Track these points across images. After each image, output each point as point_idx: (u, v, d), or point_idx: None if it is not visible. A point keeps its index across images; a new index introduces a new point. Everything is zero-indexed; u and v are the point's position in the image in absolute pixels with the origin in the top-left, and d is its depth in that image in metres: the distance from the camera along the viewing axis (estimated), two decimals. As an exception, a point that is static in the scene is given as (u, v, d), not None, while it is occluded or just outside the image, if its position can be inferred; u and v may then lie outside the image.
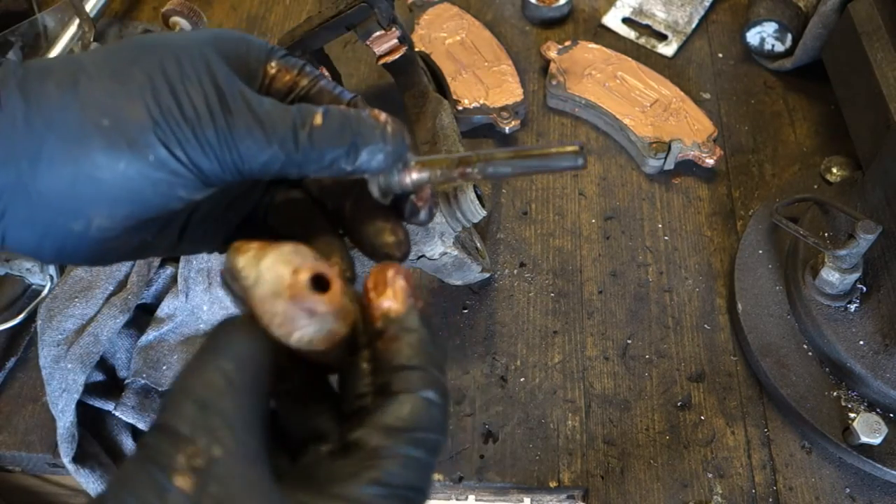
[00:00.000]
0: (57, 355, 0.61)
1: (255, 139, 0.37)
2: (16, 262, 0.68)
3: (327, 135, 0.38)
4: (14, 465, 0.66)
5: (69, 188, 0.36)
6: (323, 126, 0.38)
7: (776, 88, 0.87)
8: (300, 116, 0.38)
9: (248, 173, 0.38)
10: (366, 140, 0.38)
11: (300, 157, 0.38)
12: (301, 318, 0.33)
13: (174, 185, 0.37)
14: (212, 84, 0.37)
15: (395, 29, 0.74)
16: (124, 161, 0.36)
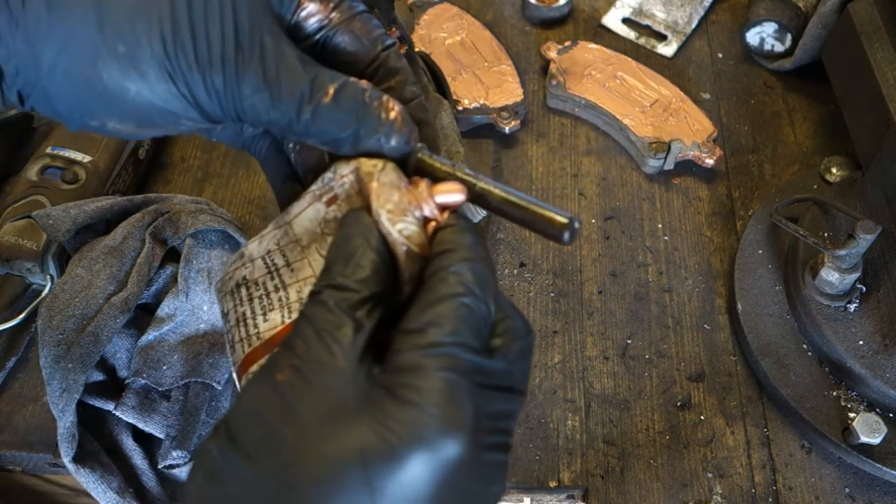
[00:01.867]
0: (57, 355, 0.61)
1: (261, 98, 0.37)
2: (16, 262, 0.68)
3: (332, 116, 0.38)
4: (14, 464, 0.66)
5: (81, 99, 0.38)
6: (330, 105, 0.38)
7: (776, 88, 0.88)
8: (311, 88, 0.38)
9: (248, 123, 0.39)
10: (369, 131, 0.38)
11: (301, 128, 0.38)
12: (412, 210, 0.36)
13: (179, 116, 0.39)
14: (233, 26, 0.37)
15: (395, 29, 0.74)
16: (134, 88, 0.37)
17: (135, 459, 0.63)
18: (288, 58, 0.38)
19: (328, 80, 0.38)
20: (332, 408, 0.31)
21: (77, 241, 0.67)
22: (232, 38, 0.37)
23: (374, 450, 0.30)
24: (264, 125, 0.39)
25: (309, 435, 0.30)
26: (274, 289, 0.39)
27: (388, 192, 0.36)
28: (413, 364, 0.32)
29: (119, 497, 0.60)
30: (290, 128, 0.38)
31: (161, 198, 0.69)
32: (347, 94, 0.38)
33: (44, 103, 0.39)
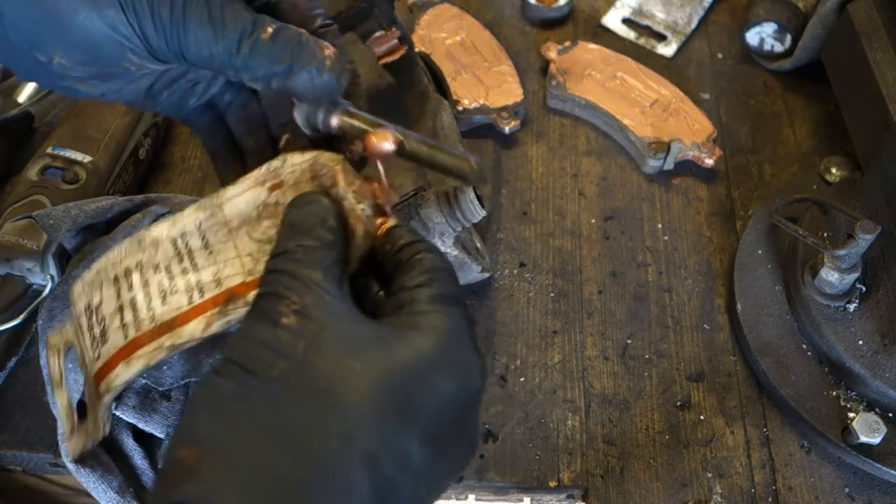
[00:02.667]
0: (57, 355, 0.61)
1: (204, 33, 0.40)
2: (17, 262, 0.68)
3: (269, 50, 0.41)
4: (15, 464, 0.66)
5: (32, 24, 0.40)
6: (268, 41, 0.41)
7: (776, 89, 0.88)
8: (251, 26, 0.41)
9: (190, 60, 0.42)
10: (302, 65, 0.41)
11: (239, 61, 0.41)
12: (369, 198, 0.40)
13: (124, 48, 0.41)
14: None
15: (395, 29, 0.74)
16: (83, 13, 0.40)
17: (135, 459, 0.63)
18: (234, 2, 0.41)
19: (269, 21, 0.41)
20: (352, 340, 0.34)
21: (77, 241, 0.67)
22: None
23: (405, 369, 0.34)
24: (205, 61, 0.42)
25: (343, 363, 0.33)
26: (181, 272, 0.41)
27: (352, 177, 0.40)
28: (428, 309, 0.36)
29: (119, 497, 0.60)
30: (229, 62, 0.41)
31: (161, 198, 0.69)
32: (285, 33, 0.42)
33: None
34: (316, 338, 0.34)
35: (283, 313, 0.34)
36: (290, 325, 0.34)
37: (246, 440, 0.32)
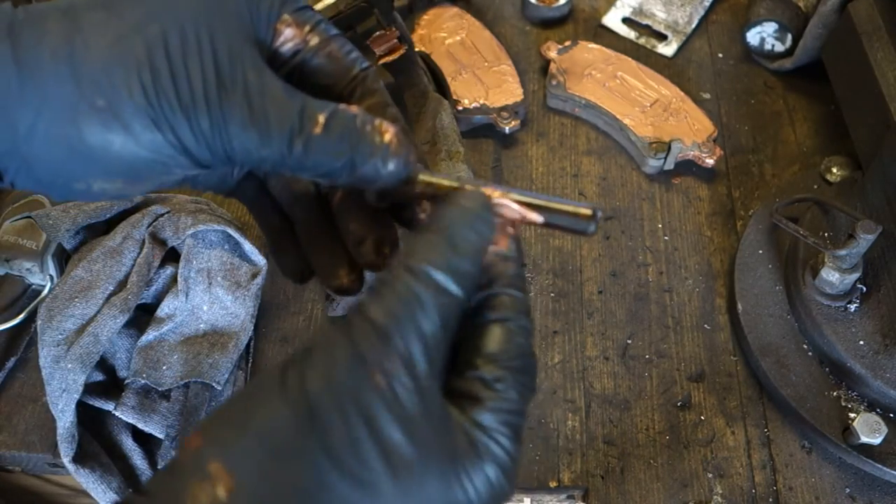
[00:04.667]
0: (57, 355, 0.61)
1: (249, 137, 0.36)
2: (16, 262, 0.68)
3: (324, 146, 0.36)
4: (14, 464, 0.66)
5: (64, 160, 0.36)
6: (322, 135, 0.36)
7: (776, 88, 0.87)
8: (300, 120, 0.36)
9: (239, 163, 0.38)
10: (365, 158, 0.37)
11: (293, 162, 0.37)
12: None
13: (168, 164, 0.37)
14: (213, 63, 0.36)
15: (394, 29, 0.74)
16: (118, 141, 0.36)
17: (135, 459, 0.63)
18: (272, 90, 0.36)
19: (316, 109, 0.37)
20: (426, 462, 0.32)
21: (77, 241, 0.67)
22: (213, 77, 0.36)
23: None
24: (256, 163, 0.38)
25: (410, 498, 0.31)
26: None
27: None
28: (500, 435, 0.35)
29: (119, 497, 0.60)
30: (282, 163, 0.37)
31: (161, 198, 0.69)
32: (338, 121, 0.37)
33: (24, 173, 0.37)
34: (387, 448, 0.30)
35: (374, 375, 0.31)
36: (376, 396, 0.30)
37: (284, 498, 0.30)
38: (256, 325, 0.68)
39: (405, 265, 0.33)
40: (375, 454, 0.30)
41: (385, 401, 0.30)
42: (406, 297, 0.32)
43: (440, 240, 0.33)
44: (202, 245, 0.66)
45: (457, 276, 0.33)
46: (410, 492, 0.31)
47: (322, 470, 0.30)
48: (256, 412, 0.31)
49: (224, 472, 0.30)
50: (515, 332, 0.36)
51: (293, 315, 0.71)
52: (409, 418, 0.31)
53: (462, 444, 0.32)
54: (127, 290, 0.63)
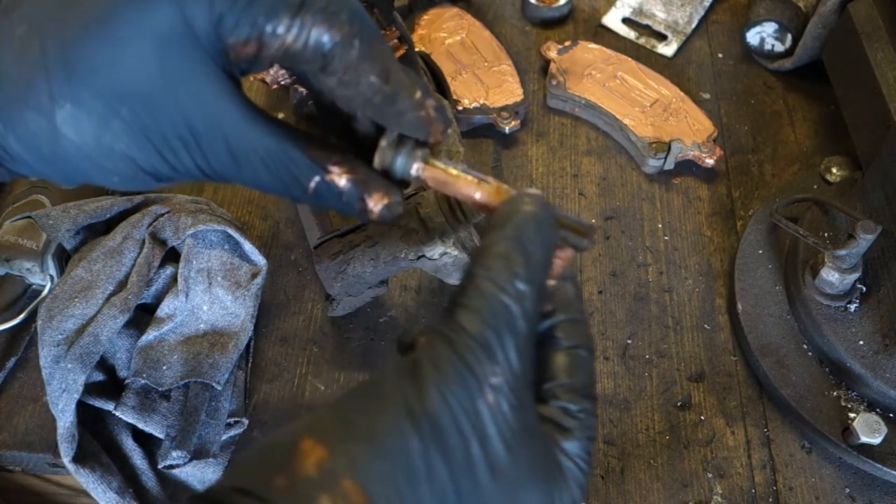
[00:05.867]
0: (57, 355, 0.61)
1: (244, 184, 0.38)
2: (16, 262, 0.68)
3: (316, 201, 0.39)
4: (14, 464, 0.66)
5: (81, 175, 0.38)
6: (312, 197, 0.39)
7: (776, 88, 0.88)
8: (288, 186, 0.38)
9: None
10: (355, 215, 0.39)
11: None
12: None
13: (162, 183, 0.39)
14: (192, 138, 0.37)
15: (394, 29, 0.74)
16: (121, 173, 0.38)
17: (135, 459, 0.63)
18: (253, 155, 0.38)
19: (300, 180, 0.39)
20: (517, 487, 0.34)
21: (77, 241, 0.67)
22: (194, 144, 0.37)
23: None
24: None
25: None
26: None
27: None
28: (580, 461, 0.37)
29: (119, 497, 0.60)
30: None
31: (161, 198, 0.69)
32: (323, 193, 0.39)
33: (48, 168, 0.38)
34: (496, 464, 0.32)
35: (484, 390, 0.32)
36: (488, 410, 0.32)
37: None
38: (256, 325, 0.68)
39: (487, 277, 0.33)
40: (487, 474, 0.32)
41: (494, 417, 0.32)
42: (499, 309, 0.33)
43: (514, 248, 0.34)
44: (202, 245, 0.66)
45: (534, 285, 0.34)
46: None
47: (445, 490, 0.31)
48: (383, 429, 0.31)
49: (358, 492, 0.30)
50: (586, 360, 0.37)
51: (293, 315, 0.71)
52: (513, 434, 0.32)
53: (553, 466, 0.35)
54: (127, 290, 0.63)
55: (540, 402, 0.37)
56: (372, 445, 0.31)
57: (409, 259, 0.60)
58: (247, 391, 0.66)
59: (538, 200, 0.36)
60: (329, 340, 0.70)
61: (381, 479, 0.30)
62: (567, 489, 0.35)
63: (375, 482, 0.30)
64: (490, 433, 0.32)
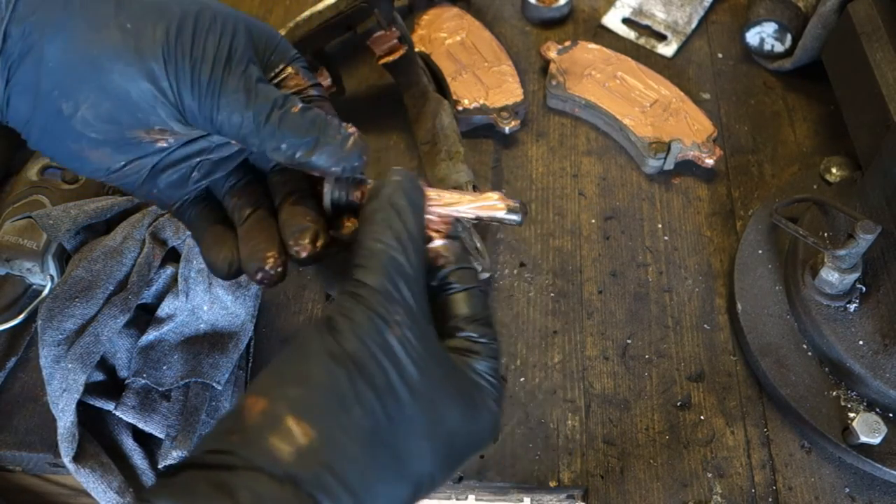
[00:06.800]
0: (57, 355, 0.61)
1: (237, 98, 0.43)
2: (16, 262, 0.68)
3: (297, 122, 0.44)
4: (15, 464, 0.66)
5: (73, 63, 0.42)
6: (297, 115, 0.44)
7: (776, 89, 0.88)
8: (282, 100, 0.44)
9: (218, 126, 0.44)
10: (327, 140, 0.44)
11: (267, 131, 0.43)
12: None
13: (156, 104, 0.43)
14: (228, 45, 0.43)
15: (395, 29, 0.74)
16: (125, 60, 0.42)
17: (135, 459, 0.63)
18: (265, 83, 0.44)
19: (297, 100, 0.45)
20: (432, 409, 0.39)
21: (77, 241, 0.67)
22: (225, 52, 0.43)
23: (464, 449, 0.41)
24: (232, 129, 0.44)
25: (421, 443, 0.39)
26: None
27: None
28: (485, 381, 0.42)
29: (119, 497, 0.60)
30: (256, 131, 0.43)
31: (161, 198, 0.69)
32: (313, 111, 0.44)
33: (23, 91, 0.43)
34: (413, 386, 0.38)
35: (392, 322, 0.38)
36: (397, 342, 0.38)
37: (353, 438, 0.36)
38: (256, 325, 0.68)
39: (373, 237, 0.40)
40: (406, 393, 0.37)
41: (403, 346, 0.38)
42: (387, 260, 0.39)
43: (389, 211, 0.41)
44: (202, 245, 0.66)
45: (411, 238, 0.41)
46: (438, 422, 0.38)
47: (375, 410, 0.36)
48: (311, 371, 0.37)
49: (299, 423, 0.35)
50: (479, 296, 0.44)
51: (293, 315, 0.71)
52: (421, 358, 0.38)
53: (468, 384, 0.41)
54: (127, 290, 0.63)
55: (448, 338, 0.42)
56: (305, 386, 0.36)
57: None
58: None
59: (401, 173, 0.43)
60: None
61: (318, 410, 0.36)
62: (484, 402, 0.41)
63: (314, 414, 0.35)
64: (402, 359, 0.37)
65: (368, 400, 0.36)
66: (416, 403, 0.37)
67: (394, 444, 0.37)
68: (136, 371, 0.63)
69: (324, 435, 0.35)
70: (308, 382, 0.36)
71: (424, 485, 0.38)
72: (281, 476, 0.34)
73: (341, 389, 0.36)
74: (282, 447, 0.34)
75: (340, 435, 0.35)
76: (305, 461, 0.34)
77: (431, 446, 0.38)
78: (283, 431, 0.35)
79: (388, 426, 0.36)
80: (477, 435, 0.41)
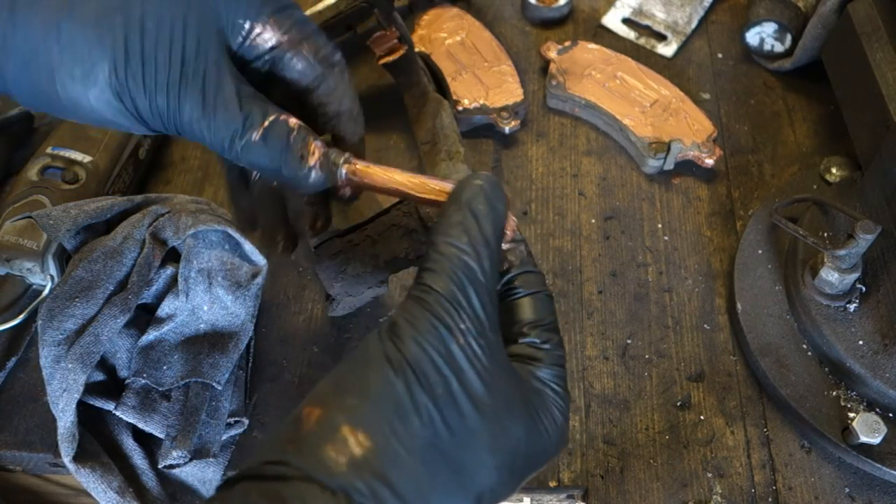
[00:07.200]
0: (57, 355, 0.61)
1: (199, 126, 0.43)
2: (16, 262, 0.68)
3: (258, 152, 0.44)
4: (15, 464, 0.66)
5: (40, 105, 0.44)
6: (257, 144, 0.44)
7: (776, 88, 0.88)
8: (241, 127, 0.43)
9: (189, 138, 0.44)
10: (291, 171, 0.44)
11: (232, 155, 0.44)
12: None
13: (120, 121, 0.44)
14: (180, 55, 0.42)
15: (395, 29, 0.74)
16: (87, 105, 0.43)
17: (135, 459, 0.63)
18: (226, 92, 0.43)
19: (259, 117, 0.43)
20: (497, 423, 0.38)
21: (77, 241, 0.67)
22: (178, 67, 0.42)
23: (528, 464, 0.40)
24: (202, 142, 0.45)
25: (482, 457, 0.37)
26: None
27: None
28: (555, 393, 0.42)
29: (119, 497, 0.60)
30: (223, 153, 0.44)
31: (161, 198, 0.69)
32: (274, 134, 0.44)
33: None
34: (475, 396, 0.36)
35: (455, 335, 0.36)
36: (460, 350, 0.36)
37: (410, 449, 0.35)
38: (256, 325, 0.69)
39: (447, 242, 0.38)
40: (470, 406, 0.36)
41: (467, 356, 0.36)
42: (459, 266, 0.38)
43: (467, 216, 0.39)
44: (202, 245, 0.66)
45: (488, 244, 0.39)
46: (502, 434, 0.37)
47: (434, 421, 0.35)
48: (370, 380, 0.36)
49: (355, 433, 0.34)
50: (545, 301, 0.42)
51: (293, 315, 0.71)
52: (486, 370, 0.37)
53: (532, 395, 0.39)
54: (127, 290, 0.63)
55: (512, 344, 0.41)
56: (361, 395, 0.35)
57: (408, 259, 0.60)
58: (247, 391, 0.67)
59: (484, 177, 0.41)
60: (329, 340, 0.70)
61: (374, 419, 0.35)
62: (548, 413, 0.40)
63: (370, 423, 0.34)
64: (465, 369, 0.36)
65: (427, 410, 0.35)
66: (479, 415, 0.36)
67: (454, 456, 0.35)
68: (136, 371, 0.63)
69: (379, 445, 0.34)
70: (365, 390, 0.35)
71: (486, 500, 0.37)
72: (335, 487, 0.33)
73: (399, 398, 0.35)
74: (336, 457, 0.34)
75: (397, 446, 0.34)
76: (360, 472, 0.33)
77: (494, 460, 0.36)
78: (338, 441, 0.34)
79: (449, 438, 0.35)
80: (542, 447, 0.39)
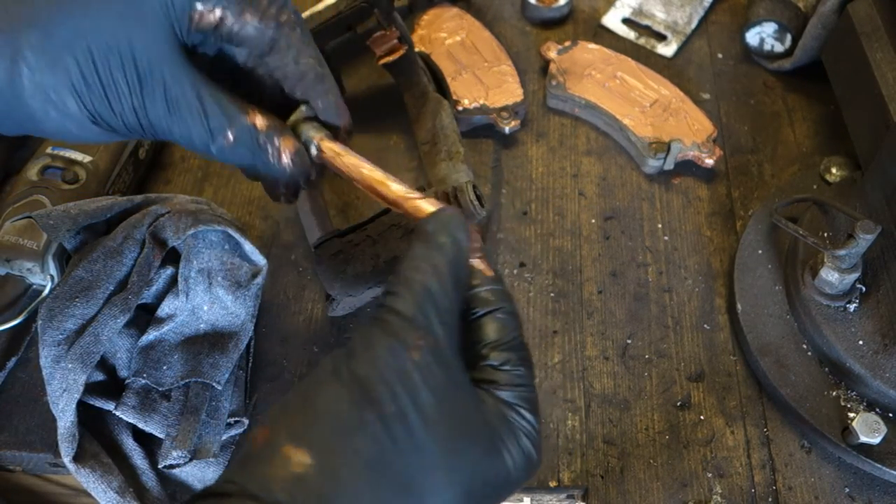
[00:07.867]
0: (57, 355, 0.61)
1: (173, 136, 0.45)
2: (17, 262, 0.68)
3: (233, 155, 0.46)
4: (15, 464, 0.66)
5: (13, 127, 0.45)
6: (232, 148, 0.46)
7: (776, 89, 0.88)
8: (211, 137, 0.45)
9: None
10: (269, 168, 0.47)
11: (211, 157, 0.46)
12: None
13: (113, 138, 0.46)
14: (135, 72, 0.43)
15: (395, 29, 0.74)
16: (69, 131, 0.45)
17: (135, 459, 0.63)
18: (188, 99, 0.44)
19: (224, 121, 0.45)
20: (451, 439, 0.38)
21: (77, 241, 0.67)
22: (137, 86, 0.43)
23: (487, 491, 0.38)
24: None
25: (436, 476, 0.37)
26: None
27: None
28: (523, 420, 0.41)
29: (119, 497, 0.60)
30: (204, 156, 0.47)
31: (161, 198, 0.69)
32: (241, 141, 0.46)
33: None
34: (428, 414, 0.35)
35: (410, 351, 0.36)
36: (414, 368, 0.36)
37: (353, 466, 0.34)
38: (256, 325, 0.69)
39: (411, 267, 0.39)
40: (420, 422, 0.35)
41: (420, 371, 0.35)
42: (419, 289, 0.38)
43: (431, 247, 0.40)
44: (203, 245, 0.66)
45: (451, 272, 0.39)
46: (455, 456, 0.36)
47: (380, 438, 0.34)
48: (316, 398, 0.36)
49: (296, 451, 0.34)
50: (504, 319, 0.42)
51: (293, 315, 0.71)
52: (441, 386, 0.36)
53: (495, 419, 0.38)
54: (127, 290, 0.63)
55: (472, 369, 0.41)
56: (305, 413, 0.35)
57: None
58: (247, 391, 0.67)
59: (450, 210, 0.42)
60: (329, 340, 0.70)
61: (317, 437, 0.34)
62: (513, 438, 0.38)
63: (313, 441, 0.34)
64: (417, 384, 0.35)
65: (372, 426, 0.34)
66: (429, 435, 0.35)
67: (403, 475, 0.35)
68: (137, 371, 0.63)
69: (321, 462, 0.34)
70: (309, 408, 0.35)
71: None
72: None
73: (343, 414, 0.35)
74: (276, 475, 0.34)
75: (339, 463, 0.34)
76: (299, 490, 0.33)
77: (448, 480, 0.36)
78: (279, 459, 0.34)
79: (397, 456, 0.35)
80: (504, 473, 0.38)
